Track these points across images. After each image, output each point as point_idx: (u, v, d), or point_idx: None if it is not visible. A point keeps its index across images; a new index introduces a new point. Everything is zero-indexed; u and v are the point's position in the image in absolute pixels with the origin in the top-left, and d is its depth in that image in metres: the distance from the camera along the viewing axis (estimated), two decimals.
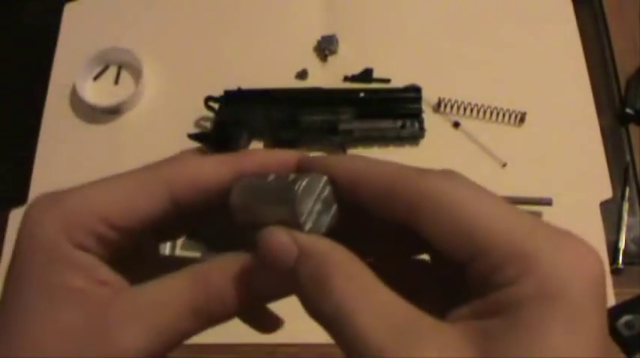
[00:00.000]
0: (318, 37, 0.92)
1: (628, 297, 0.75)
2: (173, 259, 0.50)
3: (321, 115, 0.84)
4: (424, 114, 0.85)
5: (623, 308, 0.74)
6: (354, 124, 0.84)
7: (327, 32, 0.92)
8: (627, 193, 0.82)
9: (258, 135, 0.86)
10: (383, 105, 0.85)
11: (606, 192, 0.82)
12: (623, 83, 0.89)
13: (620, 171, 0.84)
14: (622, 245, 0.79)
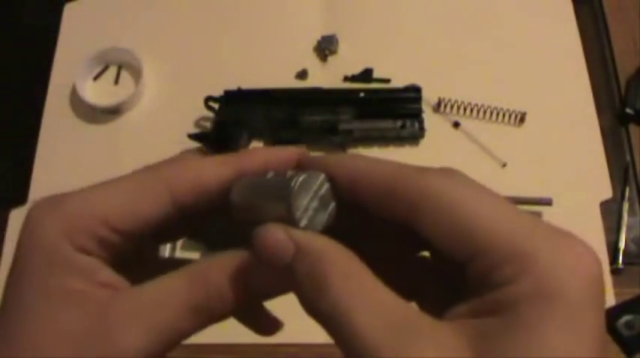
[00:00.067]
0: (318, 37, 0.92)
1: (628, 297, 0.75)
2: (174, 260, 0.50)
3: (321, 115, 0.84)
4: (424, 114, 0.85)
5: (623, 308, 0.74)
6: (354, 124, 0.84)
7: (327, 32, 0.92)
8: (627, 193, 0.82)
9: (258, 135, 0.86)
10: (383, 105, 0.85)
11: (606, 192, 0.82)
12: (623, 83, 0.89)
13: (620, 171, 0.84)
14: (622, 245, 0.79)
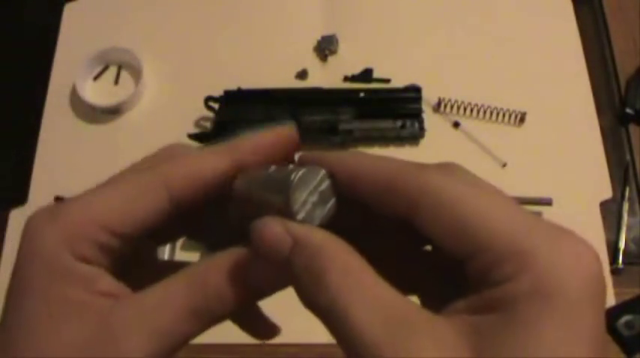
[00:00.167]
0: (318, 37, 0.92)
1: (628, 297, 0.75)
2: (173, 263, 0.49)
3: (321, 115, 0.84)
4: (424, 114, 0.85)
5: (623, 308, 0.74)
6: (354, 124, 0.84)
7: (327, 32, 0.92)
8: (627, 193, 0.82)
9: None
10: (383, 105, 0.85)
11: (606, 192, 0.82)
12: (623, 83, 0.89)
13: (620, 171, 0.84)
14: (622, 245, 0.79)
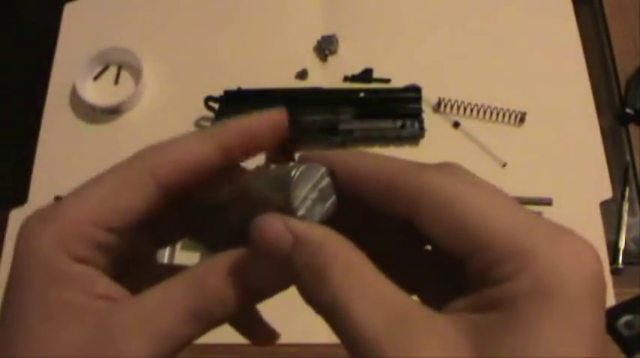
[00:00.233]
0: (318, 37, 0.92)
1: (628, 297, 0.75)
2: (172, 266, 0.49)
3: (321, 115, 0.84)
4: (424, 114, 0.85)
5: (623, 308, 0.74)
6: (354, 124, 0.84)
7: (327, 32, 0.92)
8: (627, 193, 0.82)
9: None
10: (383, 105, 0.85)
11: (606, 192, 0.82)
12: (623, 83, 0.89)
13: (620, 171, 0.84)
14: (622, 245, 0.79)
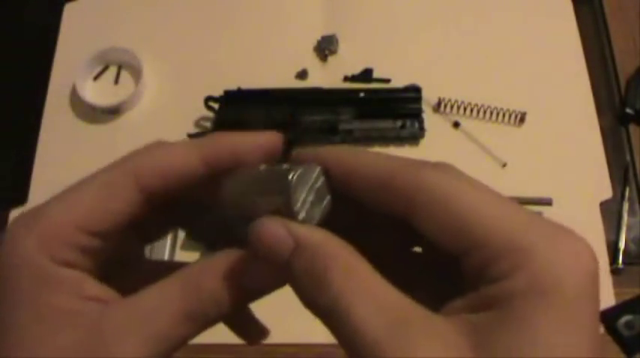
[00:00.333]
0: (318, 37, 0.92)
1: (628, 297, 0.75)
2: (162, 263, 0.49)
3: (321, 115, 0.84)
4: (424, 114, 0.85)
5: (623, 308, 0.74)
6: (354, 124, 0.84)
7: (327, 32, 0.92)
8: (627, 193, 0.82)
9: None
10: (383, 105, 0.85)
11: (606, 192, 0.82)
12: (623, 83, 0.89)
13: (620, 171, 0.84)
14: (622, 245, 0.79)
